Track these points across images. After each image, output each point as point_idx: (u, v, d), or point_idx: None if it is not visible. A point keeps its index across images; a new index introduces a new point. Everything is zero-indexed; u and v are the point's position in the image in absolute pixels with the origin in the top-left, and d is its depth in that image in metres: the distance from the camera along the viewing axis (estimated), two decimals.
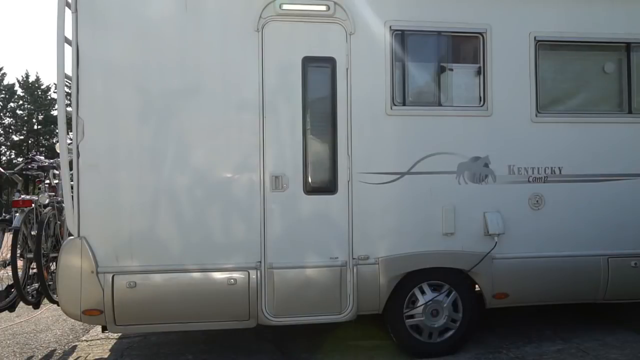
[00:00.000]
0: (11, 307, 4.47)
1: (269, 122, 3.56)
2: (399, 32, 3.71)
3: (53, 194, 4.78)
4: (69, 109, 3.45)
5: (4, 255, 4.51)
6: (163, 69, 3.47)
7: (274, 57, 3.58)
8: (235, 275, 3.51)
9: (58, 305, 3.83)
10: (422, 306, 3.77)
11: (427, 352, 3.82)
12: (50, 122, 39.93)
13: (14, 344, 4.42)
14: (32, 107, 41.71)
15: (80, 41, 3.40)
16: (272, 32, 3.58)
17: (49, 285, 4.41)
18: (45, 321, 5.14)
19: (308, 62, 3.62)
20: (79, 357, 4.06)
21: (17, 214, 4.36)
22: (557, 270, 3.86)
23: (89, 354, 4.12)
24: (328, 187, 3.63)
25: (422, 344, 3.82)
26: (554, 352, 3.97)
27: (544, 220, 3.86)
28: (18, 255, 4.29)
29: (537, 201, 3.86)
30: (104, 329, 3.63)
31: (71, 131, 3.46)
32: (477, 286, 3.91)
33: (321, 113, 3.66)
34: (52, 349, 4.29)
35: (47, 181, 4.84)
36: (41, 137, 41.53)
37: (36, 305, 4.56)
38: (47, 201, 4.59)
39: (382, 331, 3.99)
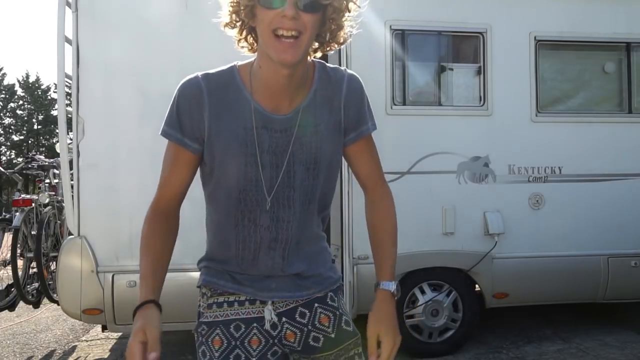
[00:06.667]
0: (11, 307, 4.48)
1: None
2: (399, 31, 3.71)
3: (53, 193, 4.78)
4: (69, 108, 3.45)
5: (4, 254, 4.52)
6: (163, 69, 3.46)
7: None
8: None
9: (58, 304, 3.83)
10: (422, 306, 3.77)
11: (427, 352, 3.82)
12: (50, 122, 39.95)
13: (14, 344, 4.41)
14: (32, 107, 41.76)
15: (81, 41, 3.39)
16: None
17: (49, 284, 4.41)
18: (45, 321, 5.14)
19: None
20: (79, 357, 4.06)
21: (17, 214, 4.37)
22: (557, 270, 3.85)
23: (89, 354, 4.12)
24: None
25: (422, 343, 3.81)
26: (554, 352, 3.97)
27: (544, 220, 3.85)
28: (18, 254, 4.29)
29: (537, 201, 3.86)
30: (104, 328, 3.63)
31: (71, 131, 3.46)
32: (477, 286, 3.91)
33: None
34: (52, 349, 4.28)
35: (47, 181, 4.85)
36: (41, 137, 41.57)
37: (36, 305, 4.56)
38: (47, 200, 4.60)
39: None
